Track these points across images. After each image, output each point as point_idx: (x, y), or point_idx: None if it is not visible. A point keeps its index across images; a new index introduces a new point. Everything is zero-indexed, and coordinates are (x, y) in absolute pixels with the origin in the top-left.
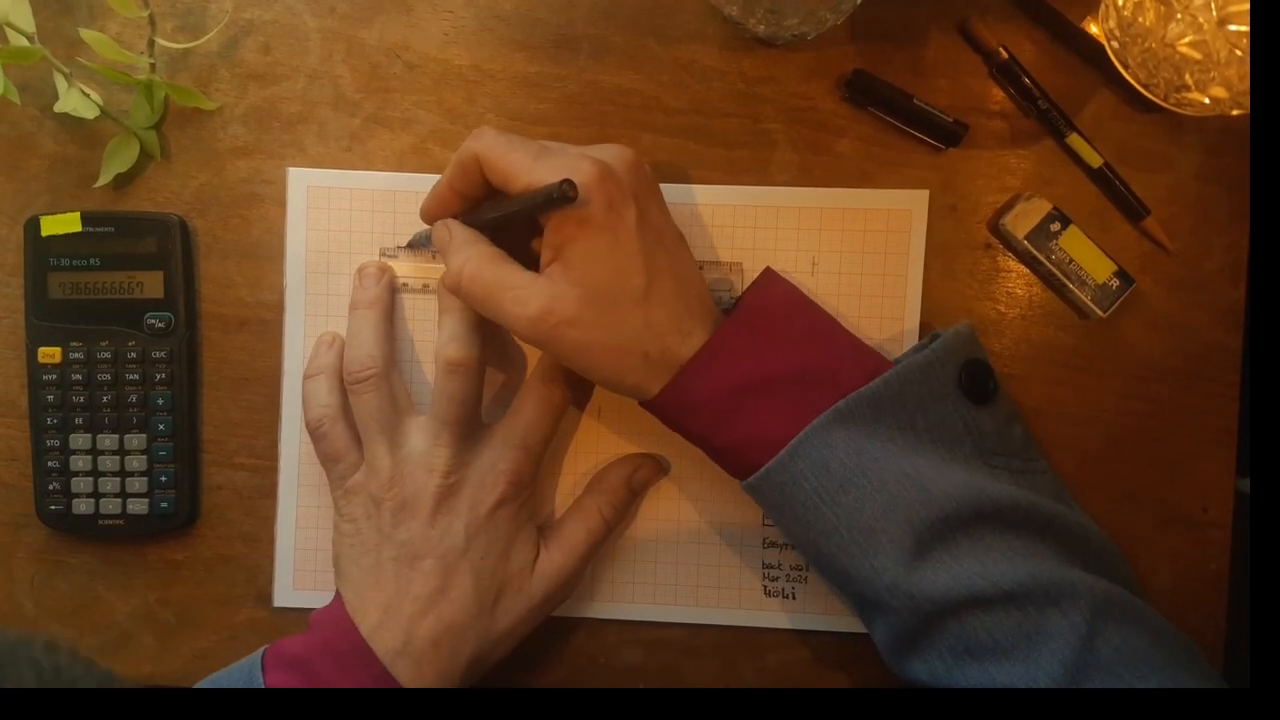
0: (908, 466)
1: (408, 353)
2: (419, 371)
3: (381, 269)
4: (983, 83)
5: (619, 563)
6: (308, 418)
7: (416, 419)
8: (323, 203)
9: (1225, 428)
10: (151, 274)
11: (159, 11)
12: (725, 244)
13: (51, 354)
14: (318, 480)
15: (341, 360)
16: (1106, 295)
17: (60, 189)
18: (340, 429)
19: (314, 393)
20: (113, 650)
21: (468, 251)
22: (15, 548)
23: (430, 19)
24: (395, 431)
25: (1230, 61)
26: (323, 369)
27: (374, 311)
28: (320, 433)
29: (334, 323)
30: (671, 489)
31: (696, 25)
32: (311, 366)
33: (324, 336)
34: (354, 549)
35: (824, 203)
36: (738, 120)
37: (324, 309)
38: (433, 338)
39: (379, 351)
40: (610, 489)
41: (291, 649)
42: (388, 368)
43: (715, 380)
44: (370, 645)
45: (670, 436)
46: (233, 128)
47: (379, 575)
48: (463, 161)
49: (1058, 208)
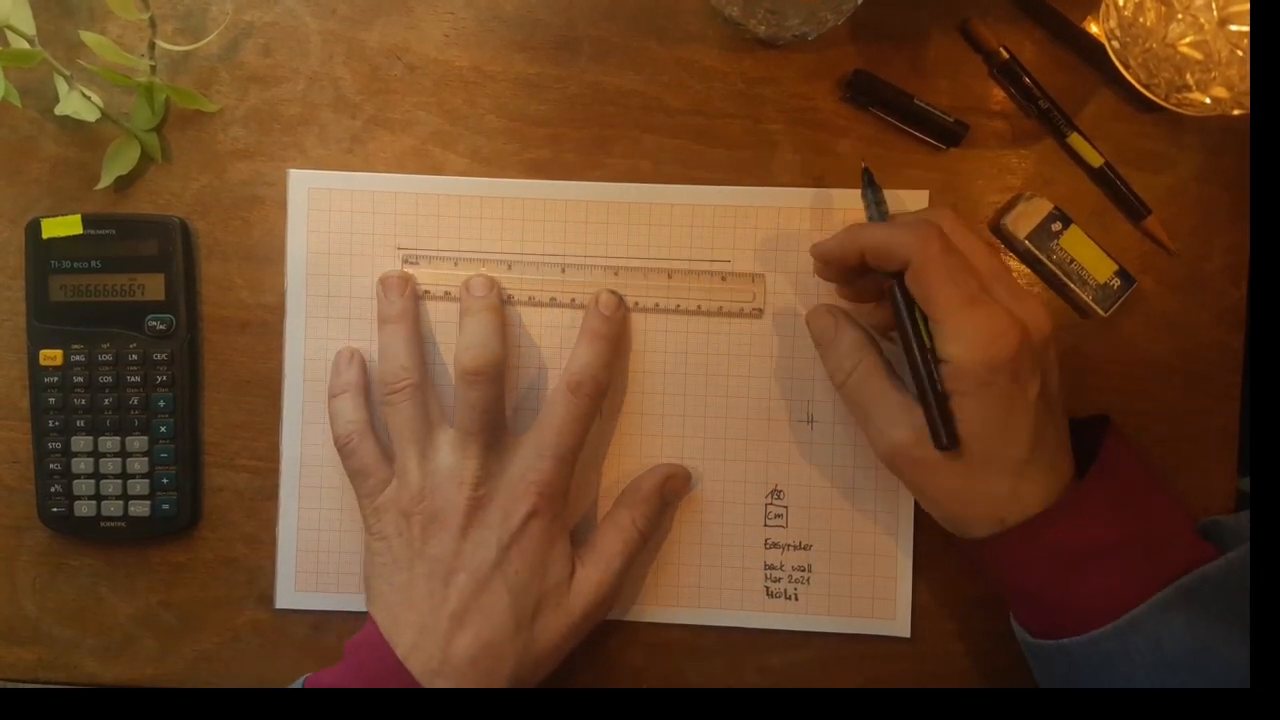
0: (1237, 657)
1: (432, 358)
2: (444, 377)
3: (404, 279)
4: (983, 83)
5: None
6: (335, 434)
7: (446, 431)
8: (324, 205)
9: (1226, 427)
10: (153, 276)
11: (159, 14)
12: (726, 245)
13: (53, 356)
14: (319, 482)
15: (364, 375)
16: (1108, 295)
17: (61, 191)
18: (369, 445)
19: (340, 410)
20: (115, 652)
21: (859, 357)
22: (17, 550)
23: (430, 20)
24: (426, 444)
25: (1231, 61)
26: (347, 386)
27: (403, 325)
28: (349, 449)
29: (335, 325)
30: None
31: (697, 26)
32: (335, 384)
33: (343, 352)
34: (385, 567)
35: (826, 204)
36: (739, 121)
37: (325, 311)
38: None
39: (412, 363)
40: (644, 499)
41: (329, 677)
42: (423, 379)
43: (1058, 538)
44: (407, 667)
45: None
46: (233, 130)
47: (411, 593)
48: (892, 250)
49: (1059, 208)
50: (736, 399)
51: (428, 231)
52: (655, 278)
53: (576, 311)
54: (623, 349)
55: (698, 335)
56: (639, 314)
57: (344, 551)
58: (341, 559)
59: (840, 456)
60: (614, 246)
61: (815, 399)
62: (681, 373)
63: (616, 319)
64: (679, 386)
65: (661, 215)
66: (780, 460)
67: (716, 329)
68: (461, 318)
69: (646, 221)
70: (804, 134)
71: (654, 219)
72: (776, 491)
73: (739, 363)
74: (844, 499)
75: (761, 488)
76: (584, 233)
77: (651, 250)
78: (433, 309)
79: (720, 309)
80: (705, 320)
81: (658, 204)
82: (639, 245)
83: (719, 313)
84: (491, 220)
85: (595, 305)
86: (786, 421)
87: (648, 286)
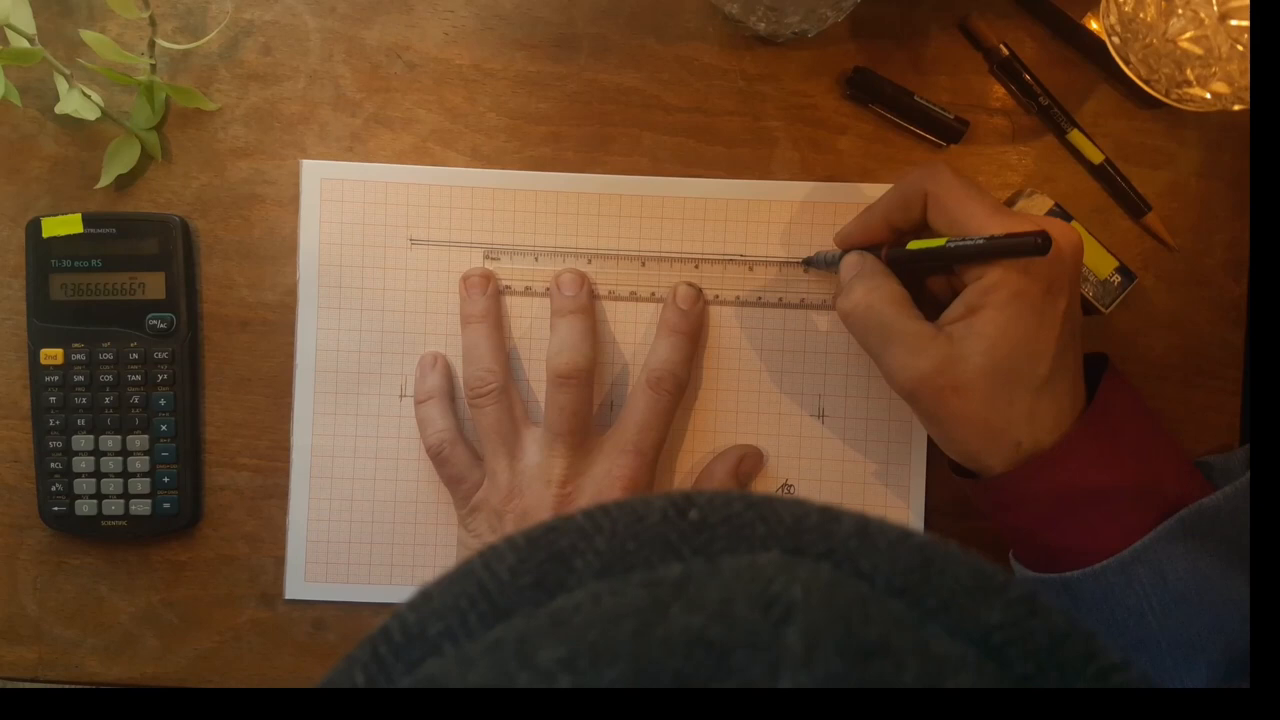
0: (1235, 590)
1: (513, 354)
2: (522, 374)
3: (485, 277)
4: (983, 79)
5: None
6: (427, 444)
7: (532, 430)
8: (336, 195)
9: (1227, 424)
10: (153, 275)
11: (159, 13)
12: (737, 238)
13: (53, 355)
14: (330, 473)
15: (447, 380)
16: (1108, 291)
17: (61, 190)
18: (461, 451)
19: (429, 418)
20: (116, 651)
21: (875, 282)
22: (18, 549)
23: (430, 18)
24: (514, 444)
25: (1231, 57)
26: (432, 392)
27: (486, 324)
28: (442, 457)
29: (346, 315)
30: (686, 484)
31: (697, 24)
32: (420, 391)
33: (425, 358)
34: None
35: (833, 197)
36: (739, 118)
37: (337, 301)
38: (537, 340)
39: (497, 365)
40: (720, 483)
41: None
42: (507, 380)
43: (1060, 480)
44: None
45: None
46: (234, 128)
47: None
48: (907, 195)
49: (1059, 204)
50: (747, 392)
51: (439, 222)
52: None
53: (656, 305)
54: (701, 342)
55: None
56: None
57: (354, 542)
58: (351, 550)
59: (851, 450)
60: (625, 239)
61: (825, 393)
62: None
63: (695, 312)
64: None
65: (675, 208)
66: (791, 455)
67: (749, 319)
68: (553, 318)
69: (674, 214)
70: (804, 131)
71: (671, 212)
72: (787, 485)
73: (767, 355)
74: (854, 492)
75: (773, 481)
76: (615, 225)
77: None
78: (513, 304)
79: (791, 300)
80: (735, 310)
81: (670, 197)
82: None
83: (779, 304)
84: (502, 212)
85: (673, 299)
86: (798, 415)
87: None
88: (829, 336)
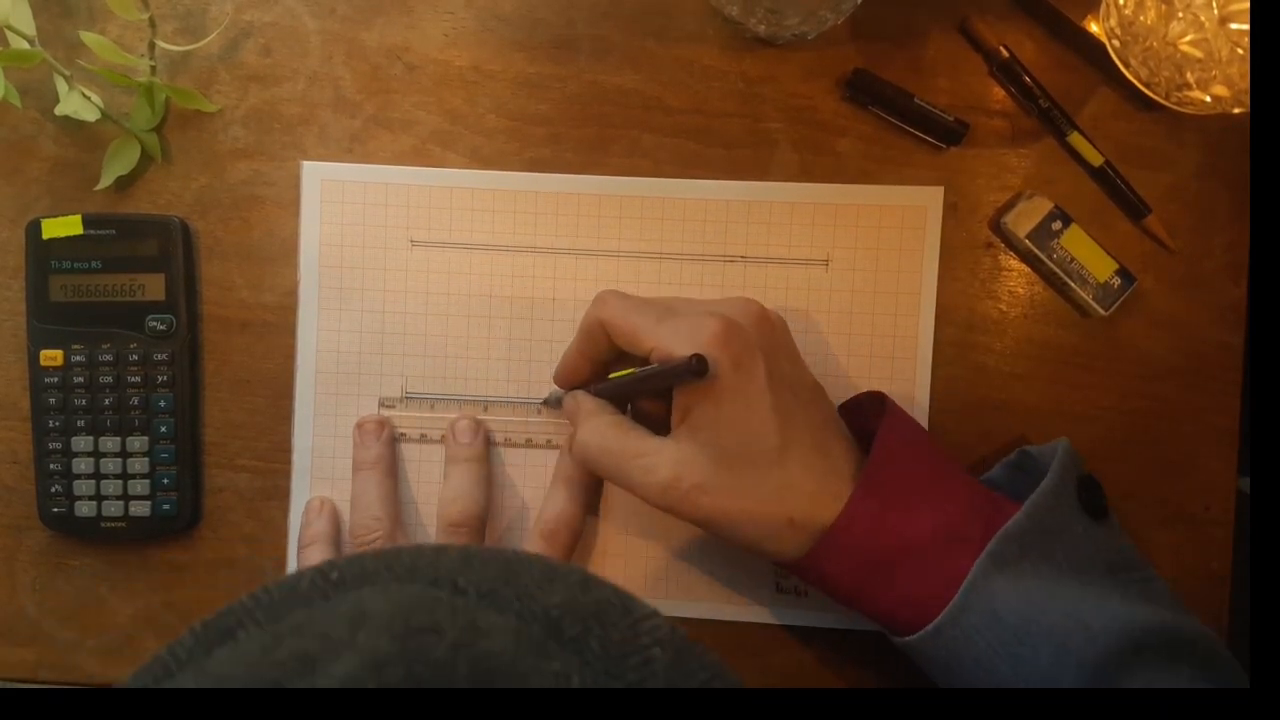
0: (1065, 604)
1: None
2: (416, 516)
3: (380, 424)
4: (983, 82)
5: (630, 558)
6: None
7: None
8: (336, 196)
9: (1227, 426)
10: (153, 276)
11: (159, 14)
12: (739, 240)
13: (53, 357)
14: (331, 473)
15: (333, 526)
16: (1108, 294)
17: (61, 191)
18: None
19: (308, 563)
20: (115, 652)
21: (593, 422)
22: (17, 550)
23: (430, 20)
24: None
25: (1232, 60)
26: (316, 538)
27: (377, 471)
28: None
29: (347, 317)
30: None
31: (697, 25)
32: (305, 536)
33: (312, 503)
34: None
35: (837, 199)
36: (738, 120)
37: (337, 303)
38: (434, 485)
39: (384, 513)
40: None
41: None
42: (393, 528)
43: (856, 551)
44: None
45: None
46: (233, 129)
47: None
48: (588, 328)
49: (1059, 206)
50: None
51: (440, 223)
52: None
53: (553, 452)
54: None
55: None
56: None
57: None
58: (351, 550)
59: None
60: (626, 241)
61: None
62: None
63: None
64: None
65: (671, 209)
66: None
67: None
68: (447, 465)
69: (670, 215)
70: (803, 133)
71: (659, 213)
72: None
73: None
74: None
75: None
76: (615, 226)
77: (659, 245)
78: (408, 452)
79: None
80: None
81: (670, 198)
82: (663, 240)
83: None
84: (503, 213)
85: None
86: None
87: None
88: None
